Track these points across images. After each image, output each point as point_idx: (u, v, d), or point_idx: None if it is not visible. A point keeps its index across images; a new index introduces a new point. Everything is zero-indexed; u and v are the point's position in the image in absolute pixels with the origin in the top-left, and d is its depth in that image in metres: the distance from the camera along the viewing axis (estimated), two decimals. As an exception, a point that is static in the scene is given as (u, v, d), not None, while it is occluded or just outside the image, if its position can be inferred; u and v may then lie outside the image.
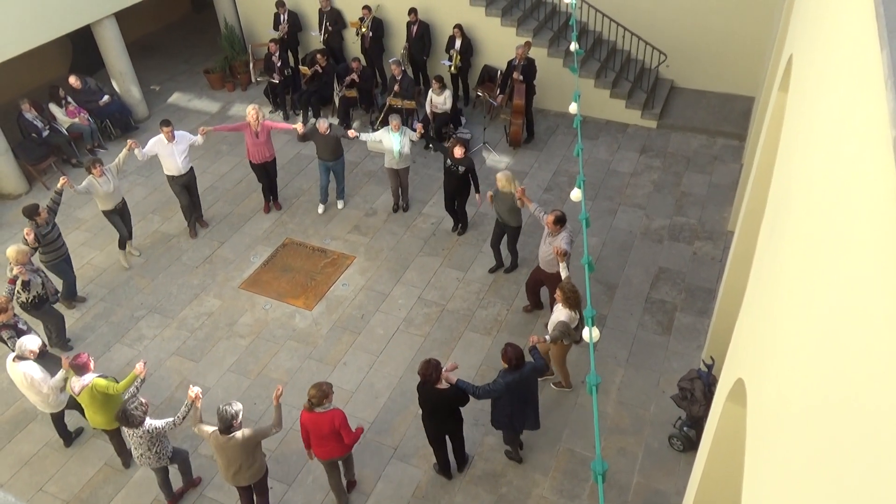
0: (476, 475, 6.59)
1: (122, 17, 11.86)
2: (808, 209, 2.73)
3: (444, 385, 5.82)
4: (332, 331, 8.14)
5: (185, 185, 9.23)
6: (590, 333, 4.10)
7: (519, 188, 7.70)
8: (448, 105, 10.90)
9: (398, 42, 12.36)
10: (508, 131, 11.14)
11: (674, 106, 12.01)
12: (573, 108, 6.79)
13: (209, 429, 5.54)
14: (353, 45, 12.79)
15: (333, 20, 12.28)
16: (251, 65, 13.28)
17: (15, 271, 7.14)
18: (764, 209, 4.69)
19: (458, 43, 11.45)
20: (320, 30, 12.38)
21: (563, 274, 6.83)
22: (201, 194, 10.44)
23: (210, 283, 8.90)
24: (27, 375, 6.26)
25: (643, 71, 11.97)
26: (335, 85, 11.96)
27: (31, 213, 7.77)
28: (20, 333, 6.69)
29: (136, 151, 8.63)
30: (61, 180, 7.97)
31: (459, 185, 8.86)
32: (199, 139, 9.06)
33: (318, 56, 11.74)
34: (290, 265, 9.12)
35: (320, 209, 9.95)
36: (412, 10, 11.57)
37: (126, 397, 6.00)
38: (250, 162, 9.51)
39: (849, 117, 2.38)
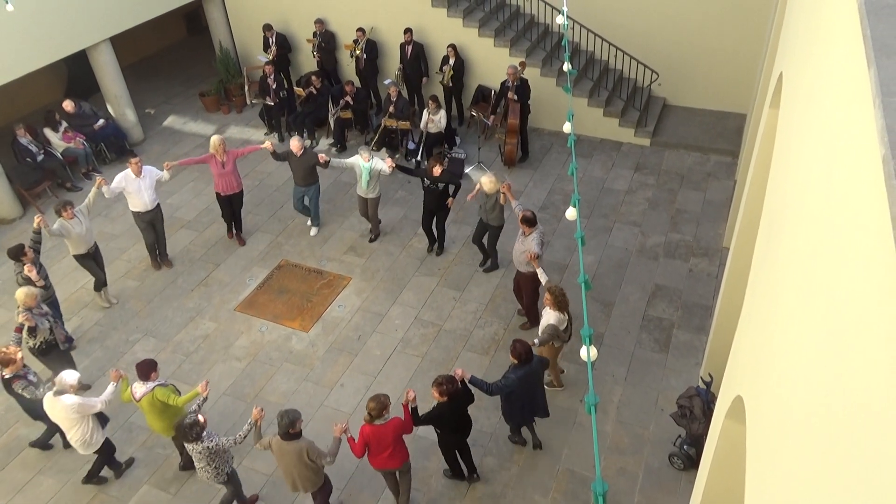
0: (476, 496, 6.53)
1: (117, 40, 11.95)
2: (802, 224, 2.75)
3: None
4: (329, 352, 8.11)
5: (152, 222, 9.03)
6: (587, 352, 4.10)
7: (505, 183, 7.95)
8: (442, 125, 10.97)
9: (392, 63, 12.46)
10: (503, 151, 11.20)
11: (667, 124, 12.10)
12: (567, 127, 6.83)
13: (269, 437, 5.73)
14: (347, 66, 12.89)
15: (327, 40, 12.39)
16: (246, 87, 13.36)
17: (20, 318, 6.94)
18: (758, 225, 4.72)
19: (452, 61, 11.57)
20: (313, 50, 12.47)
21: (542, 279, 6.98)
22: (197, 216, 10.45)
23: (206, 305, 8.87)
24: (73, 405, 6.09)
25: (636, 89, 12.08)
26: (330, 106, 12.03)
27: (17, 253, 7.45)
28: (30, 384, 6.51)
29: (105, 189, 8.38)
30: (36, 219, 7.63)
31: (440, 201, 8.94)
32: (165, 174, 8.86)
33: (313, 77, 11.83)
34: (286, 287, 9.11)
35: (309, 222, 10.03)
36: (407, 30, 11.68)
37: (189, 410, 6.03)
38: (217, 194, 9.39)
39: (840, 134, 2.40)
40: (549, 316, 6.65)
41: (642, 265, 9.11)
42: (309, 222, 10.04)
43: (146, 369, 6.15)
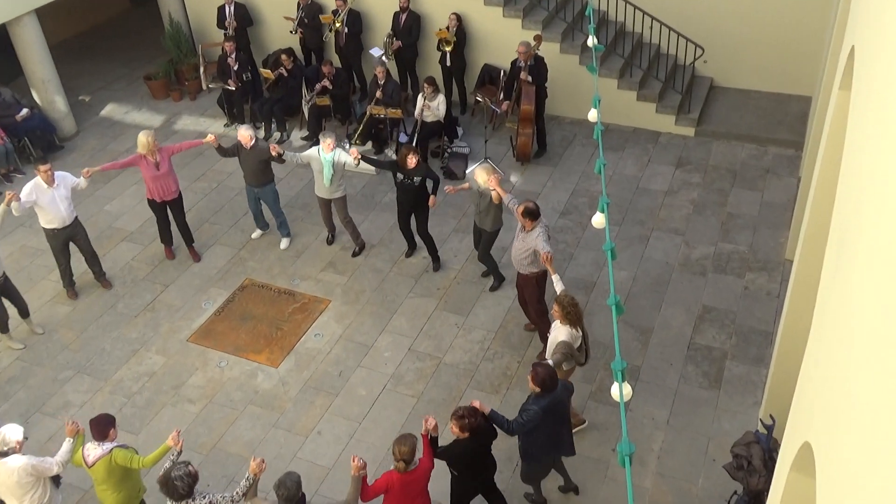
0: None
1: (45, 14, 12.02)
2: (883, 230, 2.73)
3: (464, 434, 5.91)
4: (304, 392, 8.09)
5: (69, 240, 8.95)
6: (619, 391, 4.08)
7: (494, 176, 8.07)
8: (441, 112, 11.01)
9: (380, 38, 12.51)
10: (515, 144, 11.24)
11: (715, 109, 12.13)
12: (593, 114, 6.85)
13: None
14: (327, 43, 12.95)
15: (313, 14, 12.43)
16: (202, 69, 13.43)
17: None
18: (828, 232, 4.71)
19: (453, 29, 11.63)
20: (296, 26, 12.52)
21: (558, 287, 7.04)
22: (142, 226, 10.45)
23: (152, 335, 8.86)
24: (25, 467, 5.93)
25: (676, 68, 12.14)
26: (304, 91, 12.08)
27: None
28: None
29: (14, 206, 8.25)
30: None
31: (417, 199, 9.00)
32: (82, 182, 8.82)
33: (283, 57, 11.89)
34: (251, 312, 9.09)
35: (255, 234, 10.10)
36: None
37: (167, 465, 5.90)
38: (149, 200, 9.38)
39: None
40: (558, 332, 6.70)
41: (687, 282, 9.09)
42: (256, 233, 10.04)
43: (102, 426, 5.99)
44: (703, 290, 8.98)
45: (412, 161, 8.71)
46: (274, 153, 9.09)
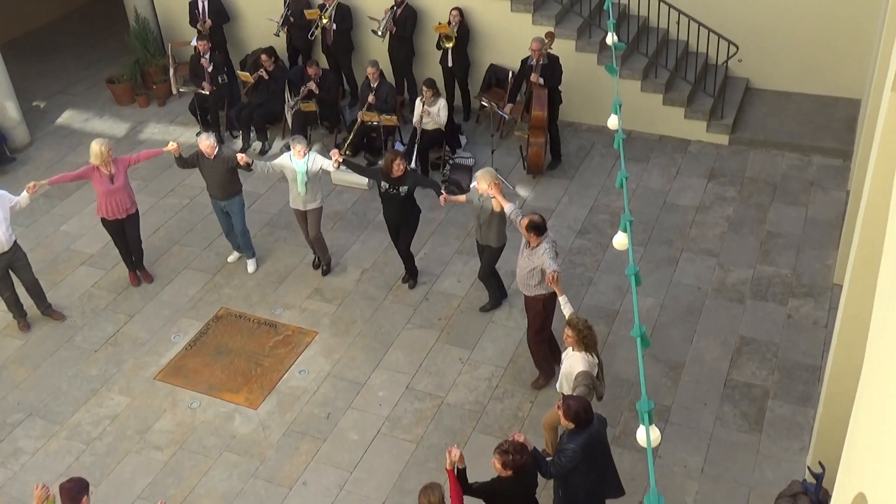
0: None
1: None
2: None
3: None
4: (287, 437, 8.07)
5: (9, 267, 8.95)
6: (647, 435, 4.07)
7: (496, 185, 8.10)
8: (443, 119, 11.07)
9: (372, 36, 12.59)
10: (526, 154, 11.29)
11: (751, 114, 12.18)
12: (613, 121, 6.88)
13: None
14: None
15: (300, 12, 12.53)
16: (171, 71, 13.52)
17: None
18: (882, 253, 4.72)
19: (455, 27, 11.68)
20: (280, 26, 12.60)
21: (566, 309, 7.09)
22: (103, 248, 10.46)
23: (114, 373, 8.85)
24: None
25: (707, 68, 12.20)
26: (287, 96, 12.15)
27: None
28: None
29: None
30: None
31: (403, 212, 9.04)
32: (22, 200, 8.81)
33: (263, 57, 11.98)
34: (227, 346, 9.09)
35: (231, 257, 10.15)
36: None
37: None
38: (103, 220, 9.41)
39: None
40: (574, 360, 6.68)
41: (722, 310, 9.09)
42: (233, 255, 10.14)
43: (75, 493, 5.93)
44: (741, 320, 8.97)
45: (399, 168, 8.73)
46: (241, 162, 9.15)
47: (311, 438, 8.04)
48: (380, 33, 11.92)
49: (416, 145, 11.13)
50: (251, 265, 10.01)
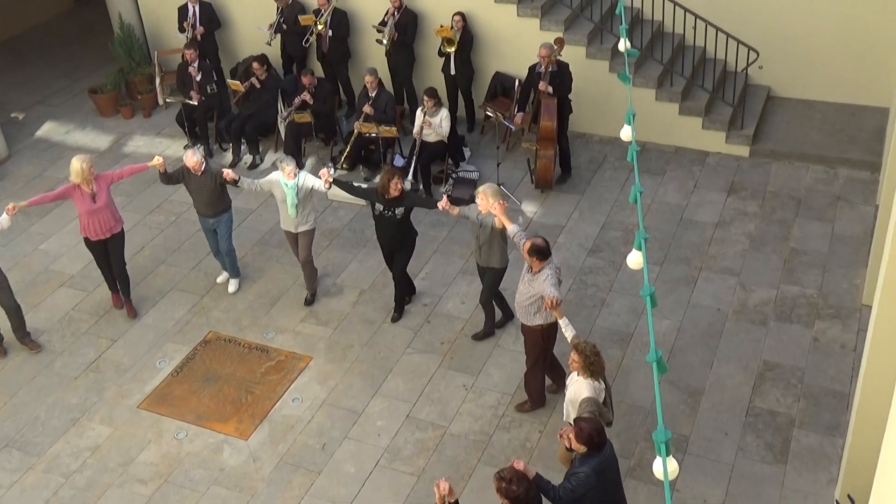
0: None
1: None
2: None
3: None
4: (279, 470, 8.05)
5: None
6: (663, 467, 4.06)
7: (499, 203, 7.99)
8: (445, 130, 11.09)
9: (370, 42, 12.65)
10: (534, 167, 11.31)
11: (773, 124, 12.20)
12: (626, 132, 6.90)
13: None
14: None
15: (294, 18, 12.59)
16: (158, 80, 13.56)
17: None
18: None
19: (457, 33, 11.72)
20: (273, 34, 12.65)
21: (568, 333, 7.11)
22: (84, 268, 10.47)
23: (96, 401, 8.85)
24: None
25: (726, 75, 12.23)
26: (280, 106, 12.20)
27: None
28: None
29: None
30: None
31: (400, 235, 9.02)
32: (3, 220, 8.79)
33: (255, 65, 12.02)
34: (216, 372, 9.09)
35: (220, 278, 10.18)
36: None
37: None
38: (86, 239, 9.40)
39: None
40: (579, 386, 6.70)
41: (744, 333, 9.08)
42: (222, 276, 10.16)
43: None
44: (764, 343, 8.95)
45: (396, 188, 8.67)
46: (228, 179, 9.18)
47: (304, 471, 8.01)
48: (384, 42, 11.95)
49: (415, 158, 11.16)
50: (233, 285, 10.04)
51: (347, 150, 11.58)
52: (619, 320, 9.34)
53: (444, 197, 8.62)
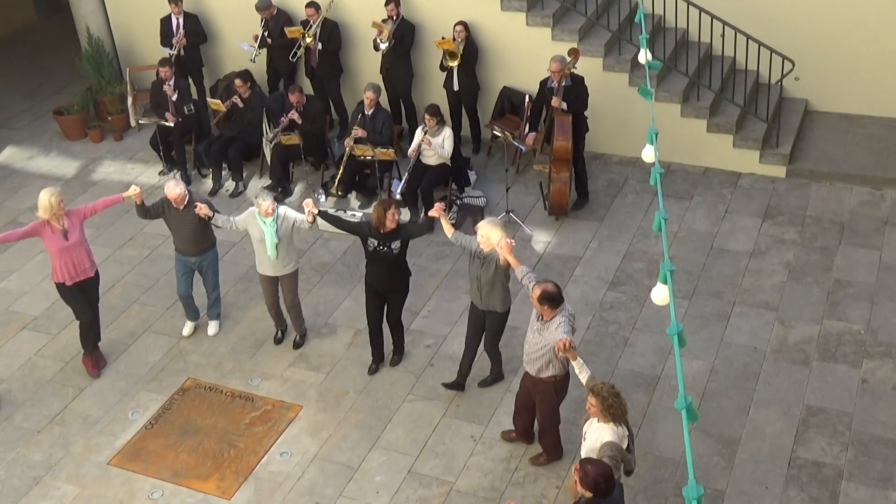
0: None
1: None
2: None
3: None
4: (266, 533, 8.01)
5: None
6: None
7: (506, 240, 7.91)
8: (447, 151, 11.12)
9: (363, 55, 12.71)
10: (547, 192, 11.33)
11: (812, 141, 12.22)
12: (649, 152, 6.92)
13: None
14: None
15: (280, 30, 12.68)
16: (130, 100, 13.63)
17: None
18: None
19: (461, 44, 11.77)
20: (257, 49, 12.73)
21: (583, 375, 7.07)
22: (49, 309, 10.48)
23: (61, 457, 8.81)
24: None
25: (759, 88, 12.28)
26: (265, 127, 12.24)
27: None
28: None
29: None
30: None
31: (393, 275, 8.98)
32: None
33: (237, 82, 12.06)
34: (195, 423, 9.06)
35: (186, 329, 10.09)
36: (390, 0, 12.00)
37: None
38: (60, 286, 9.30)
39: None
40: (601, 433, 6.66)
41: (784, 375, 9.04)
42: (187, 327, 10.11)
43: None
44: (806, 386, 8.91)
45: (392, 220, 8.58)
46: (201, 214, 9.08)
47: (295, 534, 7.98)
48: (384, 42, 11.95)
49: (407, 174, 11.13)
50: (213, 327, 10.04)
51: (339, 174, 11.58)
52: (644, 362, 9.31)
53: (439, 206, 8.64)
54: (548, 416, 8.00)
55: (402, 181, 11.36)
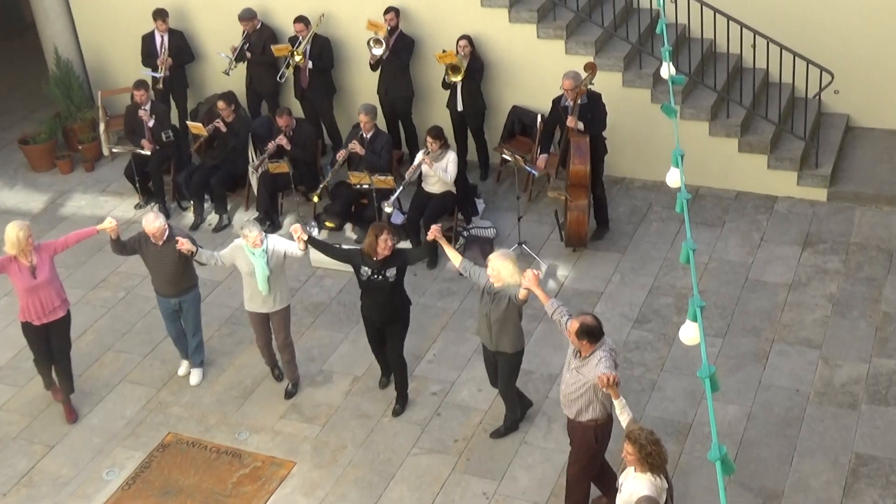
0: None
1: None
2: None
3: None
4: None
5: None
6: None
7: (532, 272, 7.87)
8: (450, 176, 11.10)
9: (357, 72, 12.77)
10: (564, 221, 11.35)
11: (854, 160, 12.24)
12: (674, 176, 6.94)
13: None
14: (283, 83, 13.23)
15: (262, 46, 12.77)
16: (102, 127, 13.69)
17: None
18: None
19: (465, 60, 11.82)
20: (233, 62, 12.83)
21: (624, 417, 7.01)
22: (14, 358, 10.50)
23: (29, 523, 8.82)
24: None
25: (795, 103, 12.32)
26: (251, 154, 12.28)
27: None
28: None
29: None
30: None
31: (390, 305, 9.02)
32: None
33: (220, 104, 12.09)
34: (177, 483, 9.04)
35: (182, 369, 10.15)
36: (390, 10, 12.08)
37: None
38: (25, 325, 9.36)
39: None
40: (638, 484, 6.60)
41: (829, 420, 9.02)
42: (183, 366, 10.16)
43: None
44: (855, 432, 8.88)
45: (385, 246, 8.63)
46: (183, 249, 9.12)
47: None
48: (378, 48, 12.02)
49: (398, 192, 11.14)
50: (196, 376, 10.05)
51: (326, 181, 11.64)
52: (674, 407, 9.28)
53: (433, 227, 8.67)
54: (582, 466, 7.83)
55: (395, 204, 11.34)
